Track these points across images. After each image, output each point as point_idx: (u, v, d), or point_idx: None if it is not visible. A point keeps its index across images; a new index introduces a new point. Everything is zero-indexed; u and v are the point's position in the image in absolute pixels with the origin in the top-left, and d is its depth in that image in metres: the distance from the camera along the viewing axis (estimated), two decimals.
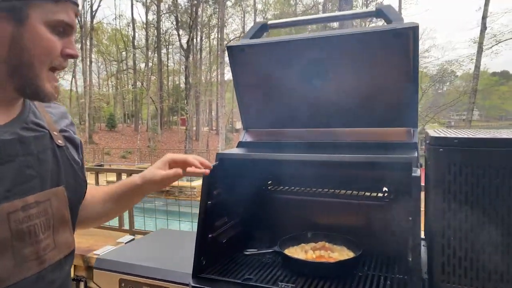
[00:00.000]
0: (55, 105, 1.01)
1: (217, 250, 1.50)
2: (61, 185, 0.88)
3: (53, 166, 0.87)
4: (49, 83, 0.83)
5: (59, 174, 0.89)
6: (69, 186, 0.91)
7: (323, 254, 1.48)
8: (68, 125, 1.00)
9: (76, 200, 0.96)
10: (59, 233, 0.88)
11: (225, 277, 1.36)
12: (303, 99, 1.66)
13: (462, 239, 1.09)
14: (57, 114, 0.99)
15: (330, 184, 1.77)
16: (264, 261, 1.52)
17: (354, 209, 1.70)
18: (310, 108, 1.66)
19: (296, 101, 1.67)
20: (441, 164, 1.10)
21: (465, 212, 1.08)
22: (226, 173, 1.52)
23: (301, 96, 1.66)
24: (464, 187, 1.07)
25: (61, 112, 1.01)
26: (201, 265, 1.40)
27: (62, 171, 0.90)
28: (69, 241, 0.93)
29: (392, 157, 1.29)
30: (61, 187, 0.88)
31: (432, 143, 1.13)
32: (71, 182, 0.93)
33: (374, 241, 1.56)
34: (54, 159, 0.88)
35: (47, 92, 0.83)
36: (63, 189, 0.89)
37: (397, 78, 1.47)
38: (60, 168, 0.89)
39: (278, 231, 1.70)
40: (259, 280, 1.34)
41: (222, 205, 1.54)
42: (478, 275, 1.08)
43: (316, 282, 1.33)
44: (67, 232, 0.92)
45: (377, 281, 1.35)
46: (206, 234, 1.44)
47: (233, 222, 1.64)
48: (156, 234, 2.00)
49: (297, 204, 1.82)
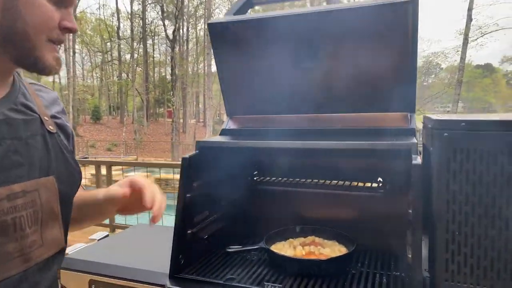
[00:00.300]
0: (47, 90, 0.94)
1: (197, 248, 1.37)
2: (51, 175, 0.80)
3: (43, 154, 0.80)
4: (50, 53, 0.77)
5: (49, 162, 0.81)
6: (61, 176, 0.83)
7: (313, 250, 1.36)
8: (59, 112, 0.93)
9: (68, 192, 0.87)
10: (48, 229, 0.80)
11: (205, 277, 1.23)
12: (291, 82, 1.52)
13: (468, 234, 0.98)
14: (49, 99, 0.92)
15: (321, 174, 1.64)
16: (249, 259, 1.40)
17: (346, 201, 1.59)
18: (299, 92, 1.53)
19: (284, 85, 1.54)
20: (446, 150, 0.98)
21: (472, 204, 0.97)
22: (207, 163, 1.38)
23: (289, 79, 1.53)
24: (472, 176, 0.96)
25: (52, 97, 0.94)
26: (179, 264, 1.27)
27: (52, 160, 0.82)
28: (58, 238, 0.84)
29: (389, 144, 1.17)
30: (51, 177, 0.80)
31: (436, 127, 1.01)
32: (63, 172, 0.84)
33: (368, 235, 1.45)
34: (44, 146, 0.81)
35: (47, 63, 0.77)
36: (53, 180, 0.81)
37: (394, 57, 1.35)
38: (51, 156, 0.82)
39: (264, 225, 1.58)
40: (243, 280, 1.21)
41: (202, 198, 1.41)
42: (486, 274, 0.97)
43: (305, 281, 1.21)
44: (57, 228, 0.83)
45: (372, 279, 1.24)
46: (184, 230, 1.31)
47: (215, 216, 1.51)
48: (133, 230, 1.85)
49: (285, 196, 1.69)
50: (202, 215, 1.43)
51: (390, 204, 1.45)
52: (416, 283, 1.01)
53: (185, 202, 1.28)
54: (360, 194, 1.56)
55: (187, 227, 1.32)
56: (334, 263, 1.27)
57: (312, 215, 1.63)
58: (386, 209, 1.45)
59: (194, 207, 1.35)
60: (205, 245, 1.42)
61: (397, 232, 1.32)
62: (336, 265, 1.28)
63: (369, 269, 1.30)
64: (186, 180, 1.29)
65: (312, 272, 1.24)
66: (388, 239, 1.39)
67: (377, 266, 1.32)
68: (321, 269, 1.24)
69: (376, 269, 1.30)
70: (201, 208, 1.42)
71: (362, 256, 1.40)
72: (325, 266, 1.25)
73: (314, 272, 1.24)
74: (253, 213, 1.69)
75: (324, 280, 1.21)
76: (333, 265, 1.27)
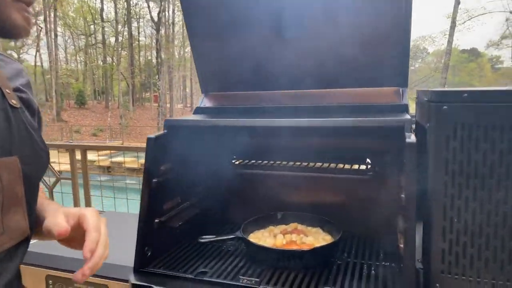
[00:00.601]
0: (10, 60, 0.84)
1: (166, 238, 1.24)
2: (14, 155, 0.72)
3: (5, 131, 0.71)
4: (18, 13, 0.71)
5: (12, 141, 0.72)
6: (25, 156, 0.74)
7: (294, 239, 1.24)
8: (24, 85, 0.83)
9: (34, 174, 0.78)
10: (10, 215, 0.71)
11: (175, 271, 1.10)
12: (272, 55, 1.38)
13: (468, 222, 0.86)
14: (12, 71, 0.82)
15: (304, 156, 1.51)
16: (224, 250, 1.27)
17: (332, 185, 1.46)
18: (280, 66, 1.39)
19: (264, 58, 1.39)
20: (445, 126, 0.85)
21: (474, 188, 0.85)
22: (178, 144, 1.24)
23: (270, 52, 1.38)
24: (474, 156, 0.83)
25: (17, 68, 0.84)
26: (145, 257, 1.13)
27: (16, 138, 0.73)
28: (22, 226, 0.74)
29: (379, 121, 1.03)
30: (15, 157, 0.71)
31: (433, 100, 0.87)
32: (28, 152, 0.75)
33: (356, 222, 1.33)
34: (5, 123, 0.71)
35: (16, 23, 0.71)
36: (16, 160, 0.72)
37: (385, 26, 1.20)
38: (14, 134, 0.72)
39: (243, 212, 1.45)
40: (216, 274, 1.08)
41: (173, 183, 1.27)
42: (488, 266, 0.86)
43: (285, 273, 1.08)
44: (20, 214, 0.74)
45: (359, 270, 1.12)
46: (151, 219, 1.17)
47: (188, 203, 1.37)
48: None
49: (266, 181, 1.56)
50: (173, 202, 1.29)
51: (380, 188, 1.33)
52: (409, 275, 0.90)
53: (151, 187, 1.14)
54: (347, 177, 1.44)
55: (155, 215, 1.18)
56: (318, 254, 1.14)
57: (295, 200, 1.50)
58: (375, 193, 1.33)
59: (163, 193, 1.21)
60: (176, 235, 1.29)
61: (387, 218, 1.20)
62: (320, 255, 1.16)
63: (356, 259, 1.18)
64: (152, 163, 1.15)
65: (293, 264, 1.11)
66: (377, 226, 1.27)
67: (365, 256, 1.20)
68: (303, 261, 1.12)
69: (363, 259, 1.18)
70: (171, 194, 1.28)
71: (349, 245, 1.28)
72: (307, 257, 1.12)
73: (296, 263, 1.11)
74: (231, 199, 1.56)
75: (307, 272, 1.09)
76: (317, 255, 1.14)
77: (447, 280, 0.89)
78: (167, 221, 1.23)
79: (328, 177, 1.46)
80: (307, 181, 1.48)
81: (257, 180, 1.56)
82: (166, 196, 1.25)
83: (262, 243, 1.22)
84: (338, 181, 1.44)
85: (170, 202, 1.28)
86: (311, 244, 1.20)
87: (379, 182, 1.35)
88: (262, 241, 1.24)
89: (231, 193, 1.57)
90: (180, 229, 1.30)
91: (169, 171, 1.24)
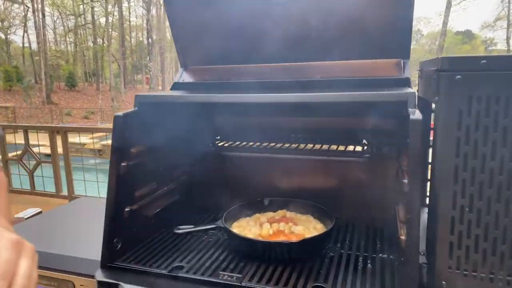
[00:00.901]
0: None
1: (140, 228, 1.11)
2: None
3: None
4: None
5: None
6: None
7: (282, 229, 1.11)
8: None
9: None
10: None
11: (147, 266, 0.97)
12: (260, 23, 1.22)
13: (482, 212, 0.74)
14: None
15: (294, 136, 1.38)
16: (205, 241, 1.14)
17: (324, 168, 1.33)
18: (269, 36, 1.23)
19: (250, 26, 1.23)
20: (458, 99, 0.72)
21: (490, 172, 0.72)
22: (152, 124, 1.10)
23: (257, 19, 1.22)
24: (492, 134, 0.71)
25: None
26: (114, 250, 1.00)
27: None
28: None
29: (378, 95, 0.90)
30: None
31: (444, 69, 0.74)
32: None
33: (350, 209, 1.21)
34: None
35: None
36: None
37: None
38: None
39: (228, 199, 1.31)
40: (193, 269, 0.96)
41: (148, 167, 1.13)
42: (503, 262, 0.74)
43: (271, 268, 0.96)
44: None
45: (354, 263, 1.00)
46: (121, 207, 1.03)
47: (165, 189, 1.24)
48: (72, 205, 1.57)
49: (252, 164, 1.42)
50: (148, 188, 1.16)
51: (377, 171, 1.20)
52: (410, 271, 0.78)
53: (120, 172, 1.00)
54: (341, 159, 1.30)
55: (125, 203, 1.05)
56: (307, 246, 1.02)
57: (285, 185, 1.37)
58: (372, 177, 1.21)
59: (135, 178, 1.08)
60: (150, 225, 1.16)
61: (385, 206, 1.08)
62: (310, 247, 1.03)
63: (350, 251, 1.06)
64: (120, 144, 1.00)
65: (280, 257, 0.99)
66: (374, 214, 1.15)
67: (360, 247, 1.08)
68: (291, 254, 1.00)
69: (359, 251, 1.06)
70: (145, 179, 1.15)
71: (342, 235, 1.16)
72: (295, 250, 1.00)
73: (283, 257, 0.99)
74: (214, 184, 1.43)
75: (295, 266, 0.97)
76: (306, 248, 1.02)
77: (455, 277, 0.78)
78: (139, 209, 1.10)
79: (321, 160, 1.33)
80: (297, 164, 1.35)
81: (242, 163, 1.42)
82: (139, 181, 1.11)
83: (247, 233, 1.10)
84: (332, 164, 1.31)
85: (144, 188, 1.14)
86: (301, 234, 1.08)
87: (376, 165, 1.22)
88: (246, 230, 1.12)
89: (214, 177, 1.43)
90: (155, 219, 1.17)
91: (142, 153, 1.10)
